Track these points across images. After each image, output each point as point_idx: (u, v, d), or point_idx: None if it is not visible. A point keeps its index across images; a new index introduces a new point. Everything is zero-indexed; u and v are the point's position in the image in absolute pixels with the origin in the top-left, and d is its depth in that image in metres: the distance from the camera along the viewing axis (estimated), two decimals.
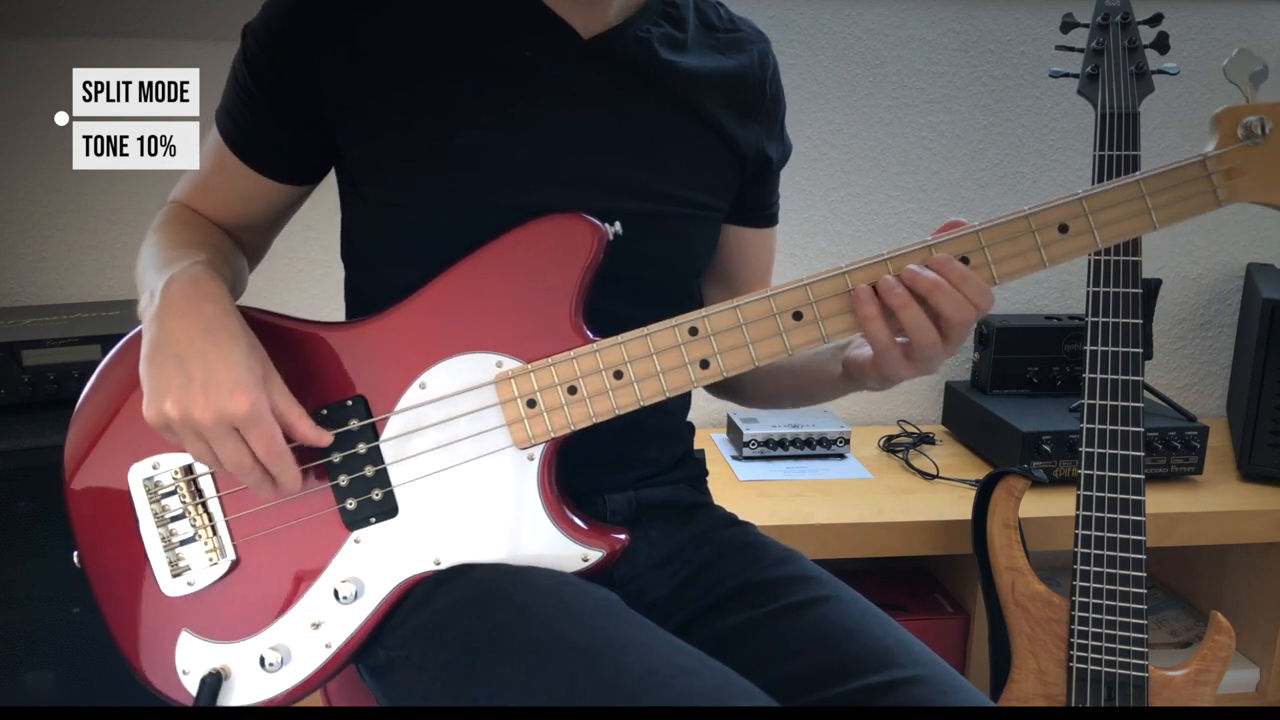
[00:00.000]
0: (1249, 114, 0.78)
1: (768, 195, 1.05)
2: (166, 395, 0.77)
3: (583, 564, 0.85)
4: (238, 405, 0.76)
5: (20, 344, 1.40)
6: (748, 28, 1.01)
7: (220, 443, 0.77)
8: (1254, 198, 0.79)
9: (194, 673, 0.86)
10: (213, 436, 0.77)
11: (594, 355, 0.83)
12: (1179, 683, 1.29)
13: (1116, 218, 0.80)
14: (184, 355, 0.77)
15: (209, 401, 0.76)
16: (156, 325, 0.80)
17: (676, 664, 0.73)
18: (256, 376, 0.78)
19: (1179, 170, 0.79)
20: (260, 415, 0.77)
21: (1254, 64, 0.80)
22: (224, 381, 0.76)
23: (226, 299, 0.82)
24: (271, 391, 0.79)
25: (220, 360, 0.77)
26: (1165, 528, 1.53)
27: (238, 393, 0.76)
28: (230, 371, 0.77)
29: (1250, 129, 0.78)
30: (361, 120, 0.88)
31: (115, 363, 0.89)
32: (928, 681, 0.80)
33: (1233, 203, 0.79)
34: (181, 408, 0.76)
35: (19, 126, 1.66)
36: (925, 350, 0.79)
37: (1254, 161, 0.79)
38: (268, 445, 0.78)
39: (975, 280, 0.78)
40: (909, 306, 0.78)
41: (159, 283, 0.81)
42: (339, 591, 0.85)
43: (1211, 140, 0.80)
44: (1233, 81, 0.81)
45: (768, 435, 1.71)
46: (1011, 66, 1.89)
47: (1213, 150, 0.79)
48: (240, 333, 0.80)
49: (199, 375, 0.76)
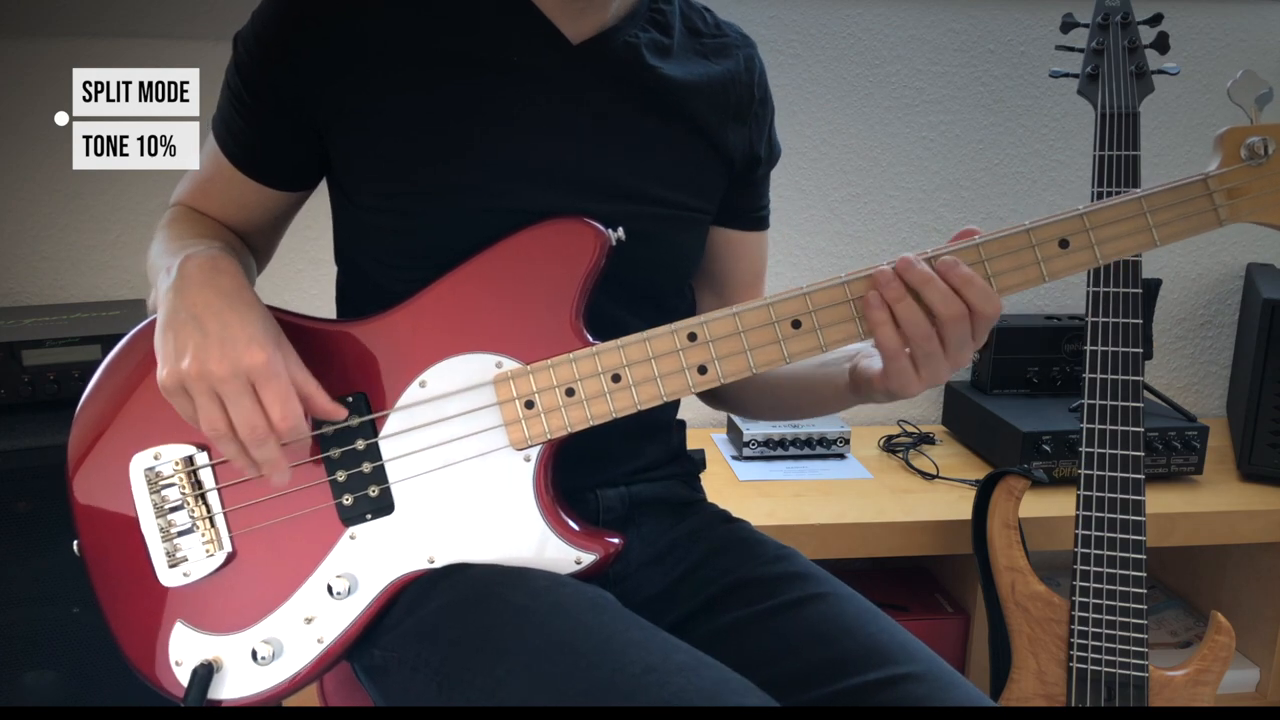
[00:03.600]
0: (1252, 134, 0.79)
1: (758, 198, 1.05)
2: (184, 354, 0.77)
3: (576, 566, 0.85)
4: (254, 357, 0.76)
5: (20, 344, 1.40)
6: (734, 33, 1.01)
7: (236, 400, 0.76)
8: (1255, 218, 0.80)
9: (186, 664, 0.86)
10: (228, 393, 0.76)
11: (593, 358, 0.83)
12: (1179, 683, 1.29)
13: (1117, 234, 0.79)
14: (200, 316, 0.78)
15: (225, 353, 0.76)
16: (173, 296, 0.80)
17: (674, 662, 0.73)
18: (271, 337, 0.79)
19: (1181, 188, 0.79)
20: (277, 369, 0.77)
21: (1259, 87, 0.80)
22: (240, 336, 0.77)
23: (242, 275, 0.83)
24: (288, 362, 0.79)
25: (236, 319, 0.78)
26: (1165, 528, 1.53)
27: (253, 346, 0.77)
28: (246, 328, 0.77)
29: (1253, 150, 0.78)
30: (351, 126, 0.88)
31: (122, 355, 0.90)
32: (925, 678, 0.80)
33: (1234, 222, 0.80)
34: (199, 362, 0.76)
35: (19, 126, 1.66)
36: (922, 345, 0.79)
37: (1256, 182, 0.79)
38: (283, 403, 0.77)
39: (979, 284, 0.78)
40: (903, 299, 0.78)
41: (175, 261, 0.82)
42: (333, 587, 0.85)
43: (1214, 160, 0.80)
44: (1237, 103, 0.81)
45: (768, 435, 1.71)
46: (1011, 66, 1.90)
47: (1215, 169, 0.79)
48: (255, 302, 0.81)
49: (215, 331, 0.77)
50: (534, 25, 0.89)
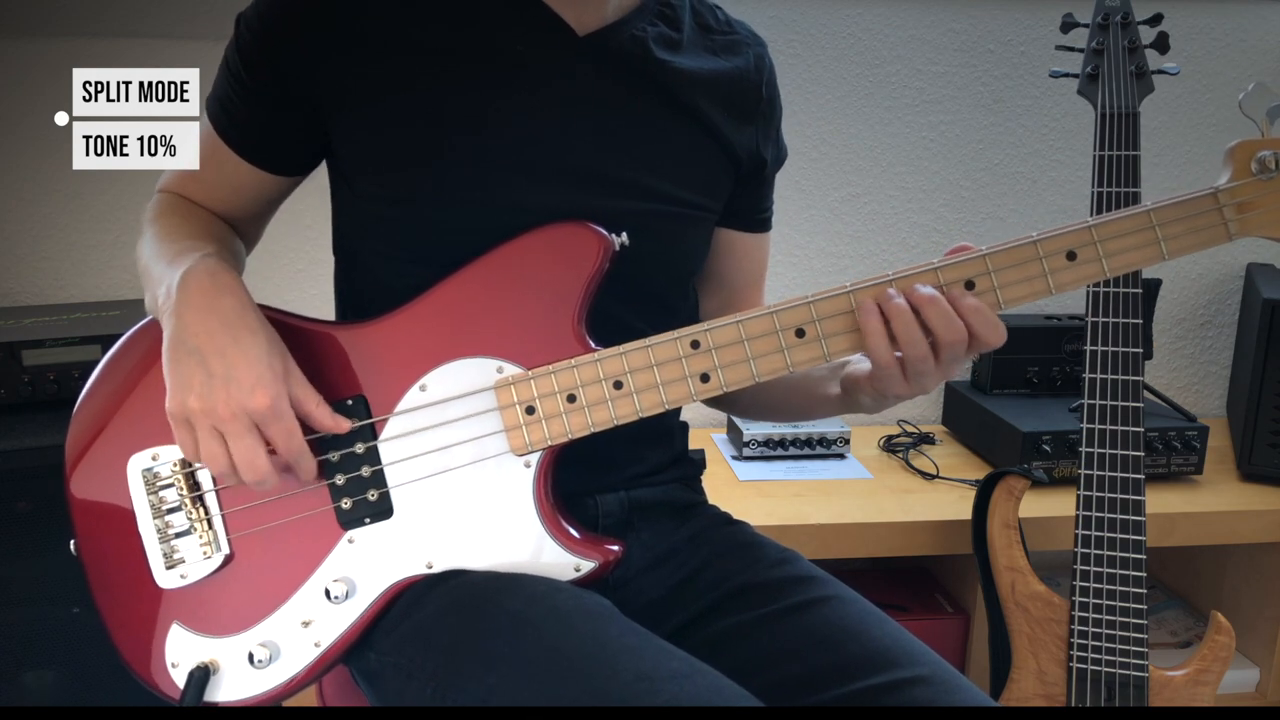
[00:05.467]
0: (1263, 148, 0.78)
1: (762, 200, 1.05)
2: (189, 391, 0.78)
3: (575, 574, 0.85)
4: (258, 402, 0.77)
5: (20, 344, 1.40)
6: (744, 31, 1.01)
7: (238, 439, 0.78)
8: (1265, 232, 0.79)
9: (183, 665, 0.86)
10: (231, 432, 0.78)
11: (594, 365, 0.83)
12: (1179, 683, 1.29)
13: (1125, 247, 0.79)
14: (204, 351, 0.78)
15: (230, 396, 0.77)
16: (175, 320, 0.80)
17: (667, 669, 0.73)
18: (277, 373, 0.79)
19: (1190, 202, 0.78)
20: (281, 411, 0.78)
21: (1271, 99, 0.80)
22: (244, 378, 0.77)
23: (244, 292, 0.83)
24: (291, 383, 0.80)
25: (240, 357, 0.78)
26: (1165, 528, 1.53)
27: (258, 390, 0.77)
28: (251, 368, 0.78)
29: (1264, 163, 0.77)
30: (354, 114, 0.88)
31: (120, 355, 0.90)
32: (930, 681, 0.80)
33: (1243, 236, 0.79)
34: (205, 403, 0.77)
35: (19, 126, 1.66)
36: (916, 365, 0.79)
37: (1267, 195, 0.78)
38: (287, 441, 0.79)
39: (986, 314, 0.78)
40: (904, 316, 0.78)
41: (174, 276, 0.82)
42: (330, 591, 0.85)
43: (1225, 173, 0.79)
44: (1249, 116, 0.80)
45: (768, 435, 1.71)
46: (1011, 66, 1.89)
47: (1225, 183, 0.79)
48: (259, 327, 0.81)
49: (220, 372, 0.77)
50: (539, 16, 0.89)
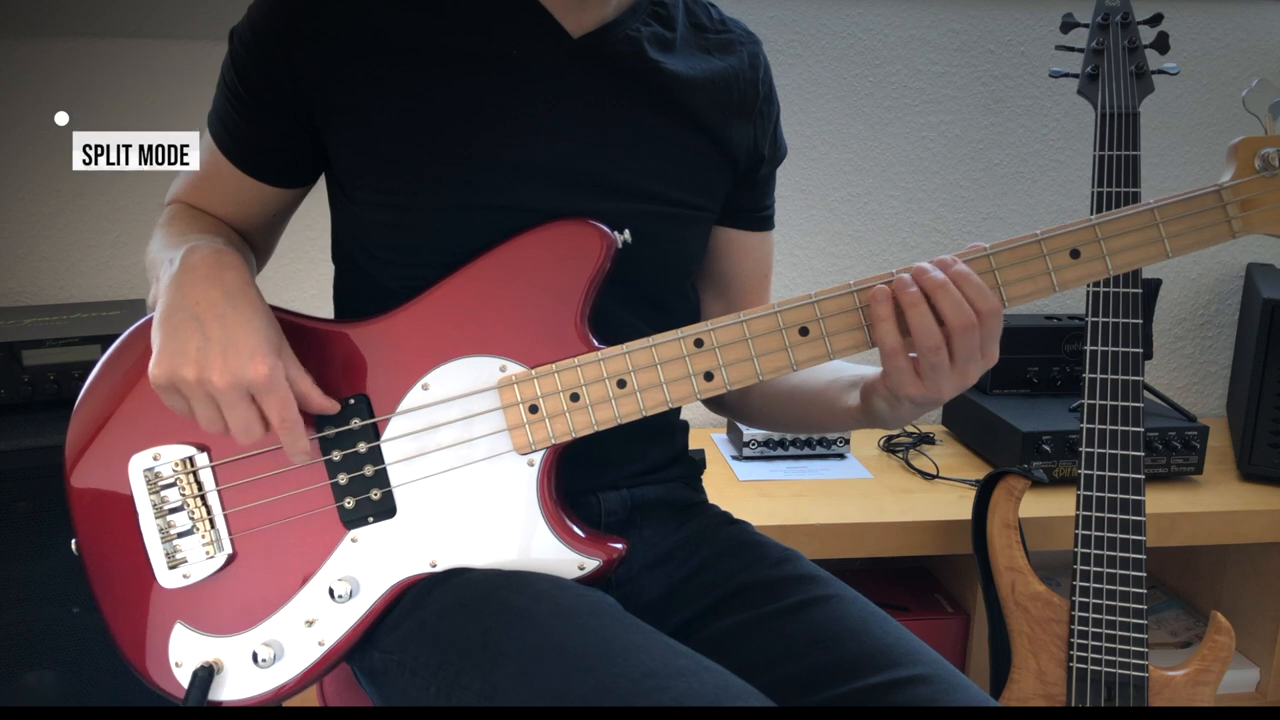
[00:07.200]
0: (1267, 145, 0.78)
1: (762, 198, 1.04)
2: (182, 356, 0.77)
3: (579, 572, 0.85)
4: (256, 370, 0.76)
5: (20, 344, 1.40)
6: (738, 29, 1.00)
7: (232, 408, 0.77)
8: (1269, 229, 0.79)
9: (186, 665, 0.86)
10: (226, 401, 0.77)
11: (598, 363, 0.83)
12: (1179, 683, 1.29)
13: (1129, 245, 0.79)
14: (203, 317, 0.78)
15: (228, 365, 0.76)
16: (174, 289, 0.80)
17: (674, 666, 0.73)
18: (273, 345, 0.79)
19: (1194, 200, 0.78)
20: (277, 381, 0.78)
21: (1275, 95, 0.80)
22: (243, 346, 0.77)
23: (247, 272, 0.83)
24: (285, 360, 0.80)
25: (240, 325, 0.78)
26: (1165, 528, 1.53)
27: (256, 358, 0.77)
28: (250, 337, 0.77)
29: (1268, 160, 0.77)
30: (348, 121, 0.88)
31: (120, 352, 0.89)
32: (931, 681, 0.80)
33: (1247, 234, 0.79)
34: (199, 369, 0.76)
35: (19, 126, 1.66)
36: (930, 356, 0.78)
37: (1271, 193, 0.78)
38: (282, 412, 0.78)
39: (975, 280, 0.78)
40: (918, 305, 0.77)
41: (178, 252, 0.82)
42: (334, 590, 0.85)
43: (1228, 170, 0.79)
44: (1252, 112, 0.80)
45: (768, 435, 1.71)
46: (1011, 66, 1.89)
47: (1229, 180, 0.78)
48: (259, 302, 0.81)
49: (218, 337, 0.77)
50: (533, 19, 0.89)
